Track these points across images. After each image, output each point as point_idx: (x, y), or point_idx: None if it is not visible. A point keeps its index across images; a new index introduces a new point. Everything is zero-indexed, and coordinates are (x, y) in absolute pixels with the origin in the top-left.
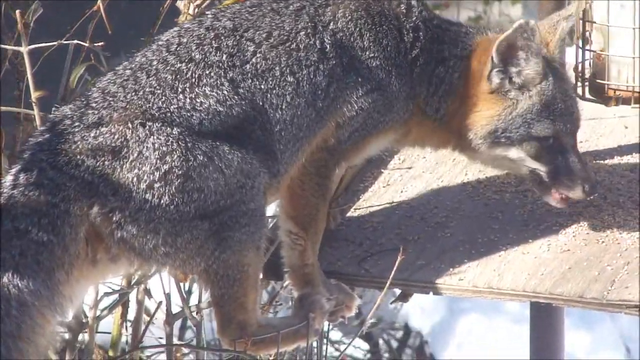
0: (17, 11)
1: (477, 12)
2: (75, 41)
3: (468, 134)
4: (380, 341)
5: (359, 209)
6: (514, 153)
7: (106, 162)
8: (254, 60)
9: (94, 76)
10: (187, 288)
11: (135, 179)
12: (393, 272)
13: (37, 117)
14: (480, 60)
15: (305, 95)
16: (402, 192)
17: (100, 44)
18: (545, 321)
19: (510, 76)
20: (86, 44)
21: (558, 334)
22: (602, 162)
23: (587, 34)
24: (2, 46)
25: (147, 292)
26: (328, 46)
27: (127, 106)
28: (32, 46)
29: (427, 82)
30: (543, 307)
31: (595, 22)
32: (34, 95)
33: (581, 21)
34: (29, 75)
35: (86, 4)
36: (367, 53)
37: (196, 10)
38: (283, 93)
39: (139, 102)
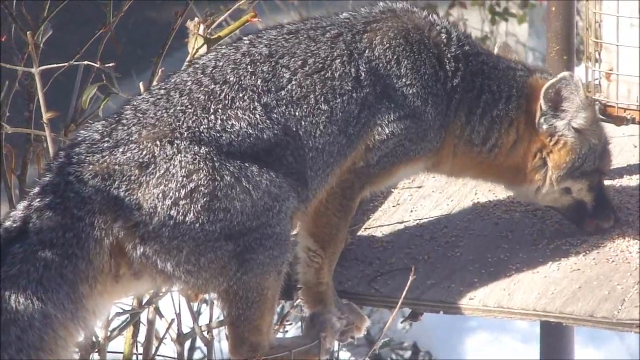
0: (28, 32)
1: (483, 32)
2: (86, 62)
3: (545, 171)
4: None
5: (369, 228)
6: (578, 185)
7: (132, 177)
8: (289, 87)
9: (105, 96)
10: (197, 308)
11: (160, 194)
12: (404, 292)
13: (48, 138)
14: (537, 104)
15: (338, 123)
16: (412, 211)
17: (111, 64)
18: (555, 340)
19: (562, 124)
20: (96, 65)
21: (568, 353)
22: (611, 181)
23: (597, 53)
24: (13, 67)
25: (158, 312)
26: (363, 74)
27: (157, 123)
28: (43, 67)
29: (468, 109)
30: (553, 327)
31: (604, 42)
32: (46, 116)
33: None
34: (40, 96)
35: (95, 25)
36: (404, 80)
37: (206, 31)
38: (317, 121)
39: (169, 120)
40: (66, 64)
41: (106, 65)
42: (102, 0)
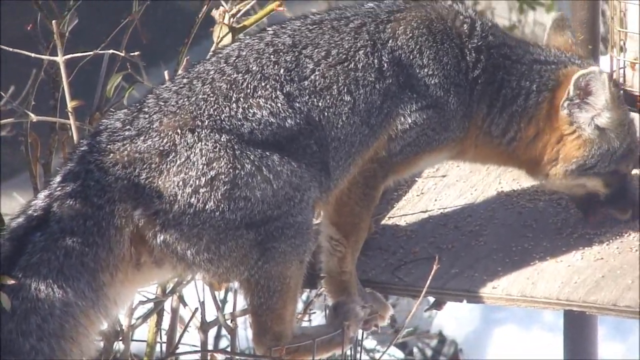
0: (53, 21)
1: (511, 21)
2: (111, 51)
3: (556, 164)
4: (415, 349)
5: (393, 217)
6: (593, 182)
7: (153, 165)
8: (312, 77)
9: (131, 84)
10: (221, 297)
11: (181, 182)
12: (428, 281)
13: (73, 126)
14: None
15: (360, 114)
16: (436, 200)
17: (136, 53)
18: (578, 330)
19: (584, 117)
20: (121, 54)
21: (592, 343)
22: (637, 170)
23: (622, 42)
24: (38, 56)
25: (182, 301)
26: (385, 64)
27: (178, 111)
28: (68, 56)
29: (490, 101)
30: (576, 316)
31: (629, 31)
32: (70, 105)
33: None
34: (65, 85)
35: (122, 15)
36: (426, 70)
37: (232, 20)
38: (339, 112)
39: (190, 108)
40: (91, 52)
41: (131, 54)
42: None
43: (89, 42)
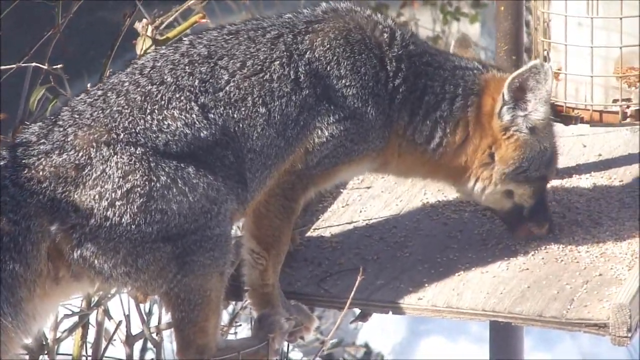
0: None
1: (435, 32)
2: (34, 63)
3: (493, 167)
4: None
5: (318, 229)
6: (521, 190)
7: (69, 179)
8: (227, 88)
9: (54, 97)
10: (147, 309)
11: (97, 196)
12: (353, 293)
13: None
14: (494, 97)
15: (276, 126)
16: (361, 211)
17: (59, 66)
18: (505, 341)
19: (521, 117)
20: (45, 67)
21: (518, 354)
22: (560, 180)
23: (545, 52)
24: None
25: (107, 314)
26: (302, 76)
27: (93, 124)
28: None
29: (411, 109)
30: (502, 327)
31: (553, 41)
32: None
33: (539, 40)
34: None
35: (46, 26)
36: (343, 81)
37: (155, 32)
38: (254, 123)
39: (105, 121)
40: (14, 65)
41: (54, 67)
42: (52, 2)
43: (13, 54)
